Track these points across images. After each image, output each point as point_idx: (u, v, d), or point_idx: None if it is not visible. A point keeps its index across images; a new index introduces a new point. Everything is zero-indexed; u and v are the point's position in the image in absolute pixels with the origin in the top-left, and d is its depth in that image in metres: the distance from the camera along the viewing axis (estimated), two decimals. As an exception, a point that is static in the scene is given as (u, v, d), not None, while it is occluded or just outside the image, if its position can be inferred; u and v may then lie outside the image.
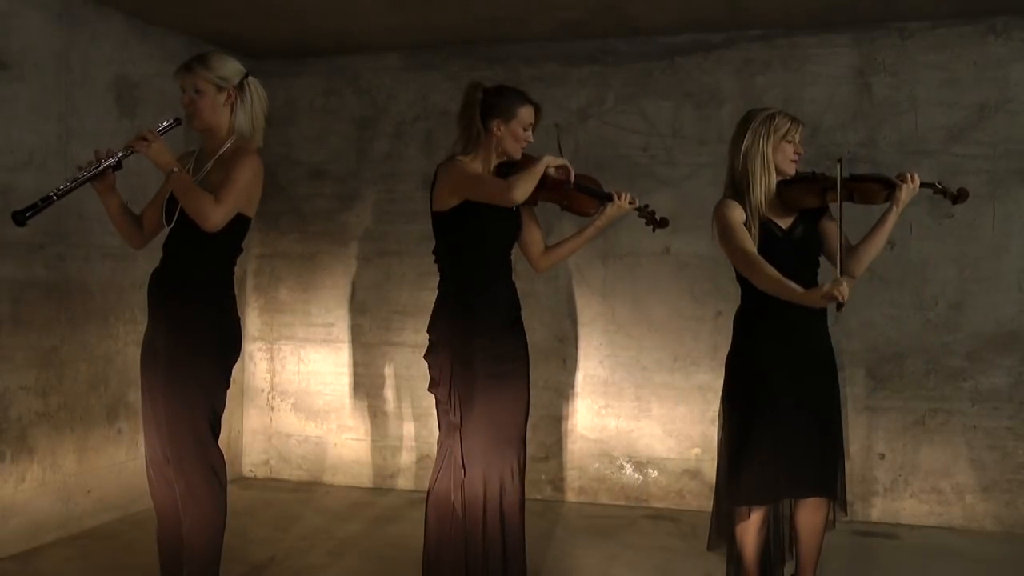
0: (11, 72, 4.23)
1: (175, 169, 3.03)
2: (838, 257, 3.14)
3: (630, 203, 3.43)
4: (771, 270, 3.10)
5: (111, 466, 4.80)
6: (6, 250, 4.22)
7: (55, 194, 2.97)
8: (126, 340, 4.82)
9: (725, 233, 3.24)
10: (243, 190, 3.08)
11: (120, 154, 3.06)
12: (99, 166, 3.05)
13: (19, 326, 4.29)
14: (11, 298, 4.25)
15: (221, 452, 3.19)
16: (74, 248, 4.56)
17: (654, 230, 3.57)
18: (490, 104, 3.30)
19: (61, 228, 4.48)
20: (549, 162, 3.22)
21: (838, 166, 3.16)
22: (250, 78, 3.21)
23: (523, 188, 3.14)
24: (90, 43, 4.64)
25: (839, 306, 2.91)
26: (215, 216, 3.00)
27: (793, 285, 3.02)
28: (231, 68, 3.15)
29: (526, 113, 3.31)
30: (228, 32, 5.23)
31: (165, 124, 3.13)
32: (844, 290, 2.86)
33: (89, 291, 4.67)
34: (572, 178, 3.28)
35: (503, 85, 3.42)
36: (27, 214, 2.93)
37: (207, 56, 3.17)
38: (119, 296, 4.81)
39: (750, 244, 3.19)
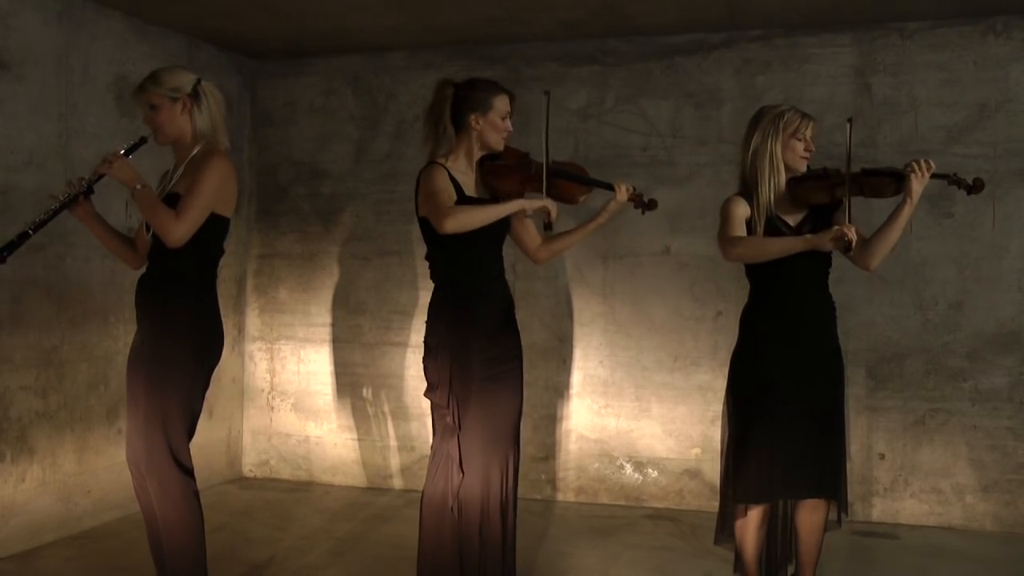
0: (11, 72, 4.23)
1: (139, 186, 3.10)
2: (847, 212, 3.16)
3: (629, 194, 3.39)
4: (763, 240, 3.17)
5: (111, 466, 4.80)
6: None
7: (31, 228, 3.13)
8: (126, 340, 4.82)
9: (721, 226, 3.26)
10: (208, 197, 3.11)
11: (87, 180, 3.19)
12: (70, 194, 3.18)
13: (19, 326, 4.29)
14: (11, 298, 4.25)
15: (189, 452, 3.22)
16: (74, 248, 4.57)
17: (643, 212, 3.47)
18: (464, 98, 3.26)
19: (61, 228, 4.47)
20: (524, 206, 3.21)
21: (848, 126, 3.21)
22: (203, 83, 3.26)
23: (461, 222, 3.11)
24: (90, 43, 4.65)
25: (848, 247, 3.04)
26: (176, 232, 3.06)
27: (793, 238, 3.14)
28: (181, 78, 3.22)
29: (501, 103, 3.28)
30: (228, 32, 5.23)
31: (131, 144, 3.22)
32: (853, 233, 3.01)
33: (89, 291, 4.67)
34: (553, 219, 3.26)
35: (473, 77, 3.38)
36: (5, 252, 3.05)
37: (157, 73, 3.24)
38: (119, 296, 4.81)
39: (738, 230, 3.21)
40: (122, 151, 3.17)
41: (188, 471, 3.19)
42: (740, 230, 3.21)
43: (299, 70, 5.78)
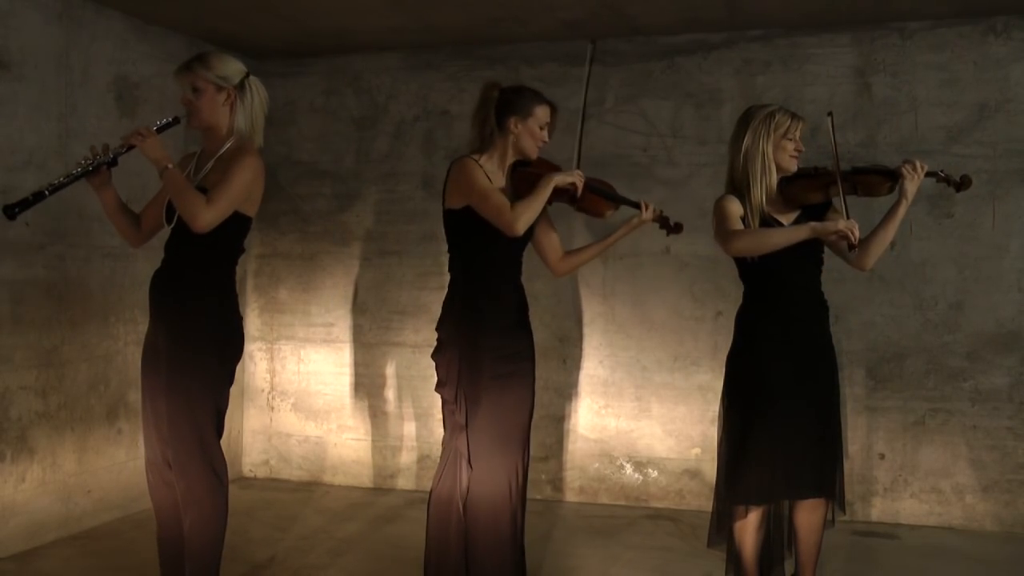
0: (11, 72, 4.23)
1: (169, 166, 3.02)
2: (843, 209, 3.18)
3: (655, 215, 3.46)
4: (766, 230, 3.17)
5: (111, 466, 4.80)
6: (6, 250, 4.22)
7: (48, 189, 3.00)
8: (126, 340, 4.82)
9: (719, 223, 3.25)
10: (239, 191, 3.05)
11: (113, 150, 3.08)
12: (94, 162, 3.07)
13: (19, 326, 4.29)
14: (11, 298, 4.25)
15: (223, 453, 3.18)
16: (74, 248, 4.56)
17: (668, 234, 3.59)
18: (507, 101, 3.30)
19: (61, 228, 4.48)
20: (558, 182, 3.23)
21: (829, 120, 3.22)
22: (251, 77, 3.20)
23: (527, 218, 3.17)
24: (90, 43, 4.64)
25: (851, 246, 3.08)
26: (204, 217, 2.97)
27: (797, 226, 3.16)
28: (232, 68, 3.14)
29: (542, 112, 3.33)
30: (228, 32, 5.23)
31: (163, 122, 3.13)
32: (856, 230, 3.04)
33: (89, 291, 4.67)
34: (579, 193, 3.29)
35: (522, 85, 3.44)
36: (16, 209, 2.96)
37: (207, 55, 3.16)
38: (119, 296, 4.81)
39: (737, 224, 3.21)
40: (154, 127, 3.06)
41: (219, 474, 3.13)
42: (739, 225, 3.22)
43: (299, 70, 5.78)
